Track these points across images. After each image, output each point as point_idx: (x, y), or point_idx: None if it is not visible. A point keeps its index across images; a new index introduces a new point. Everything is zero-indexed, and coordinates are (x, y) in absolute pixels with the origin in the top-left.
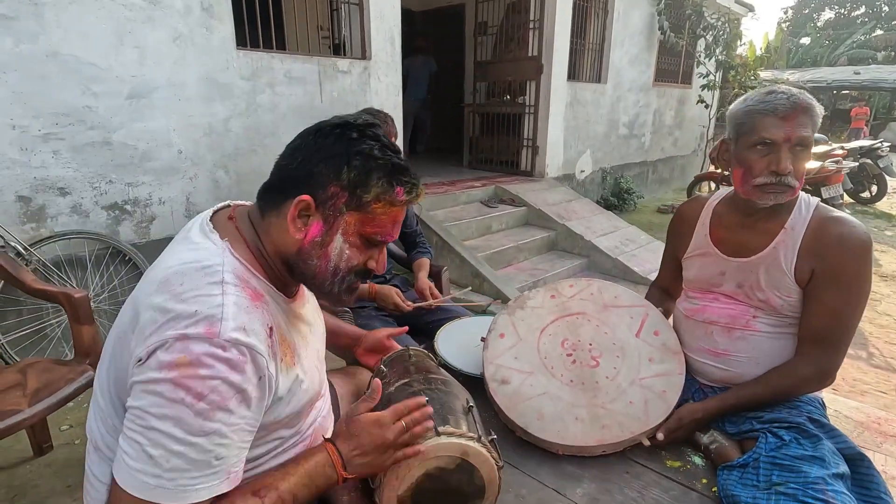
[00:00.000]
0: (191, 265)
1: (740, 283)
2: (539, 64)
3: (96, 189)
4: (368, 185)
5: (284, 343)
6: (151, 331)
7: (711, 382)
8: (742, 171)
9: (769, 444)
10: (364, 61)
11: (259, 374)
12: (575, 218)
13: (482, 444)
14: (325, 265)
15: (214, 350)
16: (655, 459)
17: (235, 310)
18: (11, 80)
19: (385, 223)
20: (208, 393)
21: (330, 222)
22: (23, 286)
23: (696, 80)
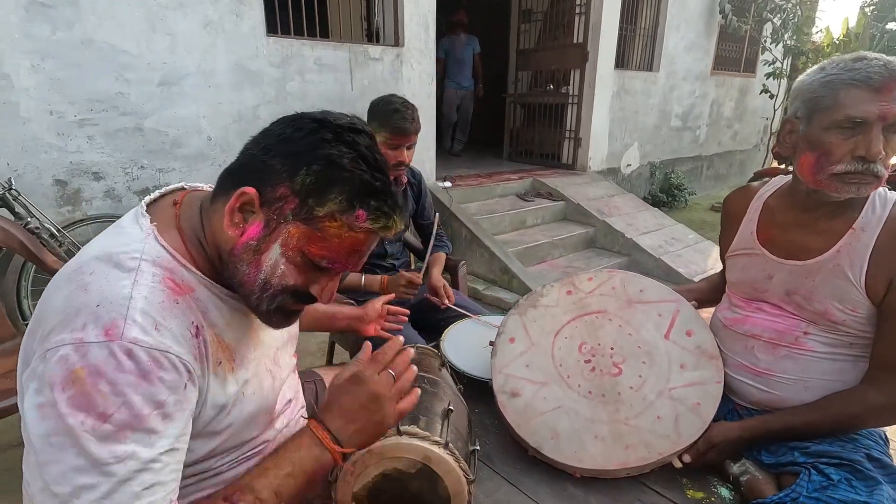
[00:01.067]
0: (105, 253)
1: (791, 290)
2: (584, 51)
3: (129, 174)
4: (324, 198)
5: (221, 345)
6: (55, 328)
7: (749, 404)
8: (816, 156)
9: (812, 482)
10: (397, 48)
11: (180, 381)
12: (616, 214)
13: (449, 452)
14: (255, 275)
15: (118, 356)
16: (675, 488)
17: (145, 304)
18: (49, 67)
19: (336, 248)
20: (115, 411)
21: (271, 227)
22: (44, 266)
23: (761, 68)
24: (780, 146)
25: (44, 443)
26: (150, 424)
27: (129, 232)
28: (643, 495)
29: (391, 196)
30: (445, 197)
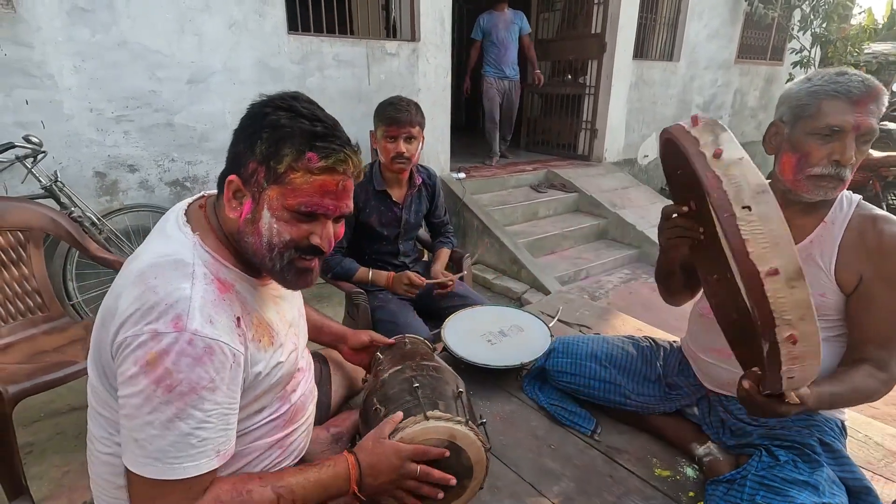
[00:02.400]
0: (164, 258)
1: None
2: (602, 42)
3: (160, 167)
4: (280, 156)
5: (262, 326)
6: (127, 322)
7: (717, 388)
8: (796, 158)
9: (762, 462)
10: (413, 43)
11: (227, 363)
12: (629, 206)
13: (469, 428)
14: (259, 241)
15: (181, 344)
16: (645, 466)
17: (202, 302)
18: (89, 67)
19: (309, 193)
20: (178, 384)
21: (256, 198)
22: (86, 252)
23: (789, 56)
24: (765, 145)
25: (129, 403)
26: (203, 394)
27: (177, 239)
28: (615, 472)
29: (336, 136)
30: (459, 188)
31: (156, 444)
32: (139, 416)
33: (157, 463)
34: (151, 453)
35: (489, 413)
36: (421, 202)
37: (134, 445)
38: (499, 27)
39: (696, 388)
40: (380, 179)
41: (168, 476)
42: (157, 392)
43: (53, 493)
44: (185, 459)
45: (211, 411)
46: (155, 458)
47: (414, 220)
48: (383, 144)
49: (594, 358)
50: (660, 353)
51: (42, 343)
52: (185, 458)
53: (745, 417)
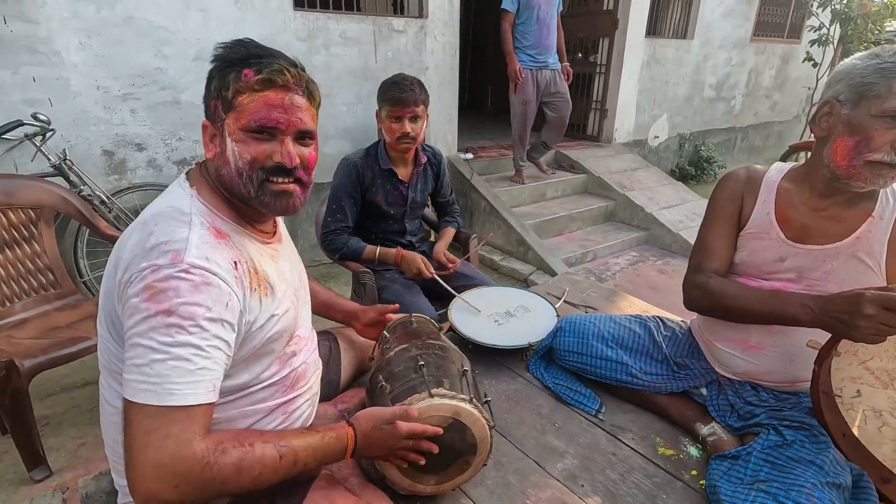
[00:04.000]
0: (164, 208)
1: (802, 273)
2: (614, 19)
3: (168, 145)
4: (226, 83)
5: (257, 275)
6: (130, 262)
7: (732, 375)
8: (855, 141)
9: (769, 440)
10: (420, 20)
11: (224, 298)
12: (638, 188)
13: (473, 405)
14: (230, 170)
15: (179, 273)
16: (648, 444)
17: (198, 242)
18: (95, 44)
19: (256, 109)
20: (176, 309)
21: (220, 130)
22: (96, 230)
23: (807, 34)
24: (815, 127)
25: (132, 332)
26: (201, 323)
27: (177, 194)
28: (618, 450)
29: (271, 54)
30: (466, 169)
31: (156, 368)
32: (142, 341)
33: (156, 388)
34: (151, 377)
35: (495, 392)
36: (427, 181)
37: (136, 373)
38: (533, 2)
39: (707, 371)
40: (385, 158)
41: (168, 402)
42: (157, 316)
43: (70, 464)
44: (184, 386)
45: (209, 341)
46: (154, 382)
47: (420, 199)
48: (388, 125)
49: (600, 337)
50: (668, 332)
51: (55, 319)
52: (184, 385)
53: (755, 401)
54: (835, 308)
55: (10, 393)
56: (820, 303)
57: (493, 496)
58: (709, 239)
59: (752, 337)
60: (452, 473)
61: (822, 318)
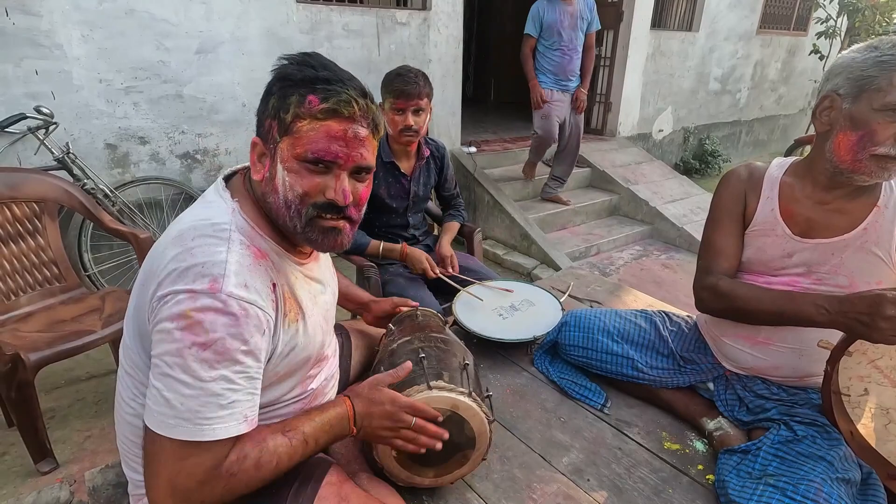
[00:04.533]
0: (203, 222)
1: (811, 268)
2: (619, 10)
3: (171, 139)
4: (286, 105)
5: (291, 299)
6: (165, 280)
7: (740, 370)
8: (858, 135)
9: (779, 436)
10: (424, 12)
11: (260, 327)
12: (642, 182)
13: (472, 399)
14: (278, 199)
15: (217, 304)
16: (654, 439)
17: (238, 267)
18: (97, 36)
19: (315, 139)
20: (212, 343)
21: (272, 154)
22: (100, 224)
23: (813, 26)
24: (816, 122)
25: (162, 361)
26: (236, 357)
27: (218, 206)
28: (624, 444)
29: (340, 80)
30: (469, 162)
31: (187, 404)
32: (172, 373)
33: (187, 424)
34: (182, 413)
35: (500, 386)
36: (430, 174)
37: (163, 405)
38: (564, 23)
39: (714, 366)
40: (388, 151)
41: (199, 437)
42: (191, 350)
43: (76, 457)
44: (215, 421)
45: (242, 374)
46: (185, 418)
47: (423, 193)
48: (391, 117)
49: (606, 332)
50: (674, 327)
51: (60, 313)
52: (215, 420)
53: (767, 394)
54: (853, 309)
55: (17, 386)
56: (835, 304)
57: (498, 490)
58: (715, 239)
59: (761, 332)
60: (451, 467)
61: (839, 318)
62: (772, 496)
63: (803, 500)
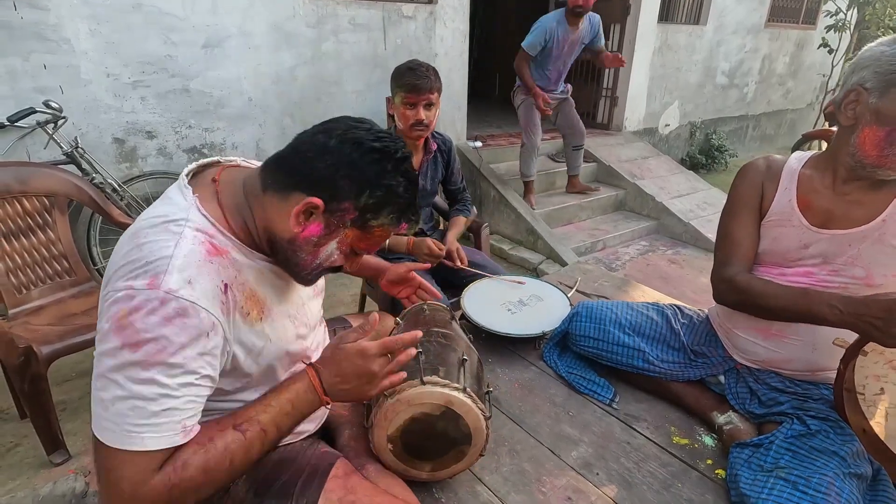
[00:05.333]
0: (158, 218)
1: (828, 258)
2: (626, 4)
3: (178, 133)
4: (379, 215)
5: (253, 298)
6: (112, 277)
7: (752, 363)
8: (887, 131)
9: (792, 430)
10: (430, 5)
11: (202, 329)
12: (649, 177)
13: (467, 395)
14: (311, 261)
15: (153, 303)
16: (662, 434)
17: (183, 263)
18: (104, 31)
19: (377, 242)
20: (143, 344)
21: (331, 229)
22: (109, 218)
23: (822, 19)
24: (839, 115)
25: (98, 361)
26: (171, 360)
27: (175, 201)
28: (632, 439)
29: (416, 205)
30: (475, 157)
31: (116, 407)
32: (106, 373)
33: (115, 428)
34: (111, 416)
35: (508, 381)
36: (437, 169)
37: (98, 405)
38: (564, 48)
39: (725, 359)
40: None
41: (124, 445)
42: (123, 351)
43: (88, 448)
44: (146, 429)
45: (178, 378)
46: (114, 422)
47: (430, 187)
48: (402, 111)
49: (618, 324)
50: (685, 321)
51: (70, 306)
52: (146, 428)
53: (780, 387)
54: (868, 312)
55: (30, 378)
56: (850, 305)
57: (507, 483)
58: (733, 230)
59: (774, 325)
60: (447, 462)
61: (852, 320)
62: (783, 489)
63: (815, 493)
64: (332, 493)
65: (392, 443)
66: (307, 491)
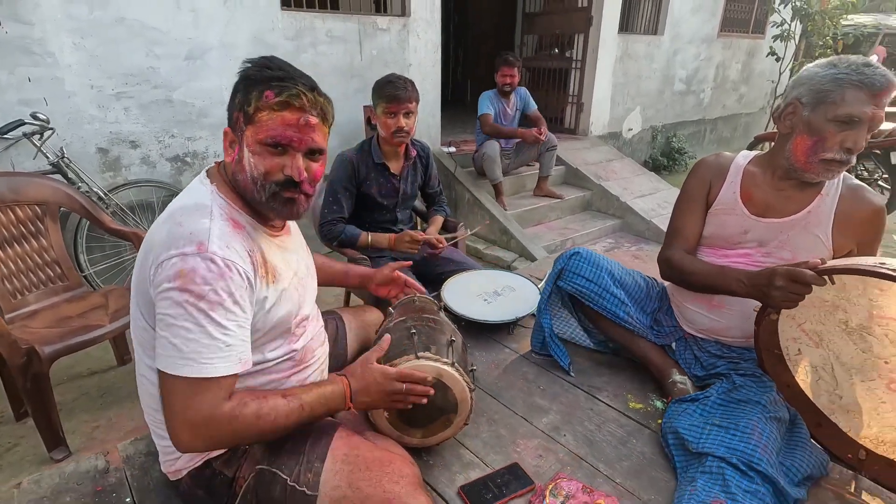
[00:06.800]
0: (189, 202)
1: (762, 243)
2: (588, 16)
3: (161, 143)
4: (249, 99)
5: (266, 264)
6: (160, 250)
7: (696, 332)
8: (813, 141)
9: (723, 386)
10: (403, 18)
11: (242, 283)
12: (613, 178)
13: (455, 369)
14: (246, 177)
15: (205, 262)
16: (621, 401)
17: (220, 232)
18: (89, 44)
19: (273, 127)
20: (205, 294)
21: (239, 140)
22: (102, 226)
23: (770, 29)
24: (779, 123)
25: (166, 314)
26: (227, 305)
27: (199, 190)
28: (595, 406)
29: (292, 77)
30: (450, 162)
31: (192, 346)
32: (176, 322)
33: (193, 363)
34: (188, 354)
35: (486, 362)
36: (416, 173)
37: (171, 350)
38: (507, 112)
39: (675, 329)
40: (378, 153)
41: (204, 374)
42: (189, 300)
43: (87, 445)
44: (216, 360)
45: (233, 321)
46: (191, 358)
47: (410, 191)
48: (384, 120)
49: (610, 274)
50: (654, 292)
51: (65, 310)
52: (216, 359)
53: (718, 353)
54: (758, 281)
55: (32, 377)
56: (750, 278)
57: (487, 446)
58: (676, 219)
59: (715, 297)
60: (436, 429)
61: (752, 290)
62: (717, 433)
63: (743, 434)
64: (337, 451)
65: (388, 411)
66: (316, 448)
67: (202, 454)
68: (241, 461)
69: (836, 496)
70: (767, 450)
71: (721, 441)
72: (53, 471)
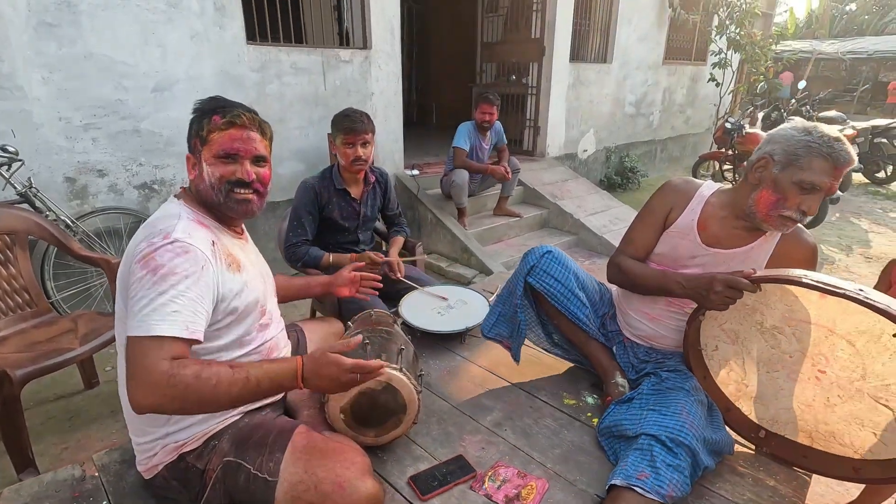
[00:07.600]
0: (161, 215)
1: (706, 268)
2: (541, 46)
3: (129, 171)
4: (203, 126)
5: (231, 255)
6: (136, 246)
7: (635, 337)
8: (776, 198)
9: (651, 381)
10: (365, 51)
11: (200, 263)
12: (568, 197)
13: (403, 374)
14: (206, 185)
15: (165, 244)
16: (556, 398)
17: (184, 227)
18: (57, 78)
19: (223, 142)
20: (160, 269)
21: (199, 158)
22: (71, 252)
23: (710, 57)
24: (750, 174)
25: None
26: (179, 278)
27: (170, 205)
28: (533, 403)
29: (232, 105)
30: (413, 184)
31: (143, 312)
32: (137, 294)
33: (141, 324)
34: (140, 318)
35: (438, 368)
36: (376, 197)
37: (132, 317)
38: (483, 146)
39: (617, 333)
40: (339, 179)
41: (147, 332)
42: (147, 276)
43: (55, 466)
44: (160, 322)
45: (184, 293)
46: (140, 320)
47: (371, 213)
48: (343, 150)
49: (576, 276)
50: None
51: (34, 335)
52: (160, 321)
53: (647, 358)
54: (698, 285)
55: (3, 401)
56: (689, 281)
57: (436, 442)
58: (635, 230)
59: (655, 310)
60: (388, 428)
61: (690, 292)
62: (653, 416)
63: (674, 414)
64: (297, 443)
65: (343, 413)
66: (278, 442)
67: (177, 449)
68: (210, 455)
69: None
70: (694, 426)
71: (654, 421)
72: (32, 480)
